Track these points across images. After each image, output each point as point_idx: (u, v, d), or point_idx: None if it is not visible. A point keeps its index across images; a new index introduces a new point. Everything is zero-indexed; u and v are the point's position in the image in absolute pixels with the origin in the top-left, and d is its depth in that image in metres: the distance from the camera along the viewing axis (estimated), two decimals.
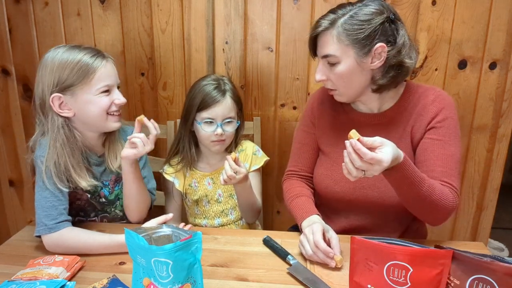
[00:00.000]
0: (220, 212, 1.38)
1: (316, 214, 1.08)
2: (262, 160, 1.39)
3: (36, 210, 1.03)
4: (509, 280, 0.68)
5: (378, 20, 0.98)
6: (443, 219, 1.02)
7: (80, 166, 1.07)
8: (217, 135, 1.25)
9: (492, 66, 1.47)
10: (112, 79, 1.07)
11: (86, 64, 1.02)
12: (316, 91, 1.27)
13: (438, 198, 0.95)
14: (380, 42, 0.98)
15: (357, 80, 1.04)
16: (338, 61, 1.01)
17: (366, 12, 0.98)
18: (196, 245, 0.71)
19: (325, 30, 1.01)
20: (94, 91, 1.04)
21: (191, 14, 1.55)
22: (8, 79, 1.70)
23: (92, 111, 1.06)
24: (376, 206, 1.11)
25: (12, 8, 1.61)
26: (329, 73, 1.05)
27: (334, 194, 1.16)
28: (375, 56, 1.00)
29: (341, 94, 1.08)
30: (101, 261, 0.98)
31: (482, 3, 1.42)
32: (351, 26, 0.98)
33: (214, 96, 1.25)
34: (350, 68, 1.01)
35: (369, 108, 1.13)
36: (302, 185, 1.22)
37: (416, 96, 1.10)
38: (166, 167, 1.37)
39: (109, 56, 1.10)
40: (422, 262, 0.76)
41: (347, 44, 0.99)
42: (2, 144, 1.79)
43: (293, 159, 1.27)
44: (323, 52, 1.03)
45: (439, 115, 1.05)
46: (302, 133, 1.25)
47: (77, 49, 1.04)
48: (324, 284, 0.87)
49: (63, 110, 1.04)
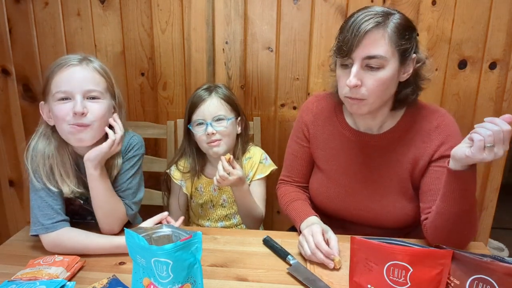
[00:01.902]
0: (224, 216, 1.38)
1: (314, 215, 1.08)
2: (268, 169, 1.37)
3: (32, 209, 1.01)
4: (509, 280, 0.68)
5: (415, 31, 0.94)
6: (470, 241, 0.99)
7: (67, 172, 1.03)
8: (209, 134, 1.24)
9: (492, 66, 1.47)
10: (72, 85, 0.95)
11: (51, 69, 0.96)
12: (310, 101, 1.20)
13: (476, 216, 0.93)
14: (415, 53, 0.94)
15: (388, 91, 0.96)
16: (383, 65, 0.91)
17: (406, 18, 0.92)
18: (196, 245, 0.71)
19: (377, 27, 0.89)
20: (53, 100, 0.96)
21: (191, 14, 1.55)
22: (8, 79, 1.70)
23: (55, 123, 0.99)
24: (372, 224, 1.10)
25: (12, 8, 1.61)
26: (367, 78, 0.92)
27: (330, 210, 1.15)
28: (407, 67, 0.95)
29: (369, 104, 0.95)
30: (101, 261, 0.98)
31: (482, 3, 1.42)
32: (402, 29, 0.90)
33: (200, 95, 1.26)
34: (392, 75, 0.92)
35: (368, 127, 1.07)
36: (297, 190, 1.21)
37: (419, 119, 1.04)
38: (174, 171, 1.36)
39: (96, 63, 1.01)
40: (422, 262, 0.76)
41: (395, 48, 0.90)
42: (2, 144, 1.79)
43: (286, 169, 1.24)
44: (370, 53, 0.90)
45: (446, 143, 1.00)
46: (295, 144, 1.21)
47: (66, 55, 1.00)
48: (324, 284, 0.87)
49: (48, 118, 1.01)
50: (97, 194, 1.04)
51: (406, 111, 1.06)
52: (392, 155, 1.06)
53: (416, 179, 1.05)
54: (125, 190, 1.10)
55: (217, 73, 1.60)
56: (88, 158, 1.01)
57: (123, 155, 1.11)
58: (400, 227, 1.10)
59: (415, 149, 1.04)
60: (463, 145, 0.84)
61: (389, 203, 1.07)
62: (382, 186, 1.08)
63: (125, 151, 1.11)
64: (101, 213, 1.05)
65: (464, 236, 0.95)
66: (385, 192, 1.07)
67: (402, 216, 1.07)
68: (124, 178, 1.10)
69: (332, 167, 1.13)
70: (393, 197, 1.07)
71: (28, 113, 1.73)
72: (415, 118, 1.05)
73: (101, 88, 1.01)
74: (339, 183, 1.12)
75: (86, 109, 0.96)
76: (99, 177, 1.02)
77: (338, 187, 1.12)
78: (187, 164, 1.36)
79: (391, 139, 1.06)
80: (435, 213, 0.94)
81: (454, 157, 0.85)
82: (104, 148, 1.01)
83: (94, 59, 1.02)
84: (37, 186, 1.01)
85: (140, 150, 1.14)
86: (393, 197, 1.07)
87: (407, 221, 1.08)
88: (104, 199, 1.04)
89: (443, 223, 0.92)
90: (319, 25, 1.51)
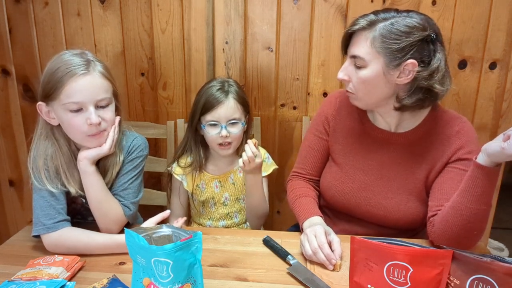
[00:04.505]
0: (226, 215, 1.38)
1: (318, 216, 1.08)
2: (270, 168, 1.38)
3: (34, 209, 1.02)
4: (509, 280, 0.68)
5: (417, 36, 0.92)
6: (477, 241, 0.98)
7: (72, 170, 1.04)
8: (222, 137, 1.24)
9: (492, 66, 1.47)
10: (84, 96, 0.96)
11: (58, 76, 0.95)
12: (333, 94, 1.22)
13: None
14: (412, 59, 0.93)
15: (378, 90, 1.00)
16: (365, 65, 0.97)
17: (409, 23, 0.93)
18: (196, 245, 0.71)
19: (362, 29, 0.96)
20: (64, 108, 0.96)
21: (191, 14, 1.55)
22: (8, 79, 1.70)
23: (66, 130, 1.01)
24: (381, 222, 1.11)
25: (12, 8, 1.61)
26: (353, 74, 1.01)
27: (340, 204, 1.15)
28: (403, 72, 0.95)
29: (358, 99, 1.04)
30: (101, 261, 0.98)
31: (482, 3, 1.42)
32: (389, 34, 0.93)
33: (217, 97, 1.24)
34: (374, 76, 0.97)
35: (387, 123, 1.09)
36: (307, 186, 1.21)
37: (441, 123, 1.06)
38: (175, 167, 1.36)
39: (99, 65, 1.00)
40: (422, 262, 0.76)
41: (379, 51, 0.94)
42: (2, 144, 1.79)
43: (300, 161, 1.25)
44: (353, 52, 0.99)
45: (465, 148, 1.02)
46: (313, 136, 1.22)
47: (66, 57, 0.98)
48: (324, 284, 0.87)
49: (49, 118, 1.01)
50: (93, 191, 1.04)
51: (429, 114, 1.06)
52: (411, 155, 1.07)
53: (430, 181, 1.06)
54: (126, 190, 1.10)
55: (217, 73, 1.60)
56: (86, 157, 1.01)
57: (126, 156, 1.11)
58: (407, 227, 1.10)
59: (434, 152, 1.05)
60: (496, 140, 0.84)
61: (401, 202, 1.07)
62: (396, 185, 1.08)
63: (128, 152, 1.11)
64: (99, 213, 1.06)
65: (472, 236, 0.94)
66: (399, 191, 1.08)
67: (412, 216, 1.07)
68: (125, 178, 1.10)
69: (349, 161, 1.14)
70: (406, 197, 1.07)
71: (28, 113, 1.73)
72: (437, 122, 1.06)
73: (109, 94, 1.02)
74: (354, 178, 1.12)
75: (99, 119, 0.99)
76: (94, 172, 1.03)
77: (353, 182, 1.12)
78: (188, 160, 1.35)
79: (411, 139, 1.07)
80: (449, 208, 0.94)
81: (486, 151, 0.85)
82: (105, 149, 1.02)
83: (95, 60, 1.01)
84: (39, 186, 1.02)
85: (143, 152, 1.14)
86: (406, 196, 1.07)
87: (415, 222, 1.08)
88: (100, 196, 1.04)
89: (456, 219, 0.92)
90: (319, 25, 1.51)
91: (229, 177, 1.36)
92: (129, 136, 1.13)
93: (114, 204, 1.07)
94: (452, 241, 0.92)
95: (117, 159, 1.09)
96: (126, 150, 1.11)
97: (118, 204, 1.08)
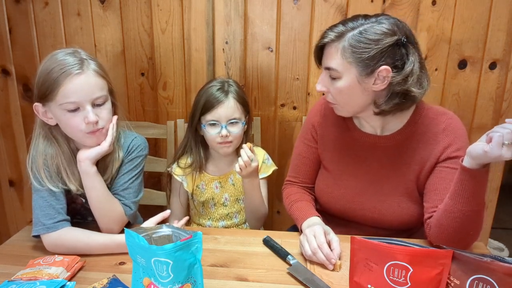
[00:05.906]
0: (225, 215, 1.38)
1: (316, 216, 1.08)
2: (270, 169, 1.38)
3: (34, 209, 1.02)
4: (509, 280, 0.68)
5: (387, 42, 0.91)
6: (473, 242, 0.99)
7: (72, 169, 1.04)
8: (223, 136, 1.25)
9: (492, 66, 1.47)
10: (81, 95, 0.95)
11: (53, 77, 0.94)
12: (318, 103, 1.22)
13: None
14: (385, 65, 0.93)
15: (356, 99, 1.00)
16: (339, 76, 0.97)
17: (377, 30, 0.92)
18: (196, 245, 0.71)
19: (331, 42, 0.96)
20: (60, 108, 0.96)
21: (191, 14, 1.55)
22: (8, 79, 1.70)
23: (65, 129, 1.01)
24: (376, 224, 1.11)
25: (12, 8, 1.61)
26: (330, 85, 1.01)
27: (334, 210, 1.16)
28: (378, 78, 0.95)
29: (340, 109, 1.05)
30: (101, 261, 0.98)
31: (482, 3, 1.42)
32: (358, 44, 0.92)
33: (217, 97, 1.25)
34: (350, 86, 0.97)
35: (373, 127, 1.09)
36: (303, 192, 1.21)
37: (426, 121, 1.05)
38: (175, 168, 1.36)
39: (92, 63, 0.99)
40: (422, 262, 0.76)
41: (350, 62, 0.94)
42: (2, 144, 1.79)
43: (292, 169, 1.25)
44: (326, 64, 0.99)
45: (453, 145, 1.01)
46: (302, 145, 1.22)
47: (59, 57, 0.97)
48: (324, 284, 0.87)
49: (47, 118, 1.01)
50: (95, 192, 1.04)
51: (414, 114, 1.05)
52: (399, 157, 1.07)
53: (422, 181, 1.05)
54: (126, 189, 1.10)
55: (217, 73, 1.60)
56: (88, 157, 1.01)
57: (126, 156, 1.11)
58: (404, 228, 1.10)
59: (422, 151, 1.04)
60: (480, 142, 0.84)
61: (394, 204, 1.07)
62: (388, 187, 1.08)
63: (128, 152, 1.11)
64: (100, 213, 1.05)
65: (469, 237, 0.94)
66: (390, 193, 1.08)
67: (407, 216, 1.07)
68: (126, 178, 1.10)
69: (339, 168, 1.14)
70: (398, 198, 1.07)
71: (28, 113, 1.73)
72: (423, 120, 1.05)
73: (105, 92, 1.02)
74: (346, 184, 1.13)
75: (97, 117, 0.99)
76: (96, 173, 1.03)
77: (345, 188, 1.13)
78: (188, 161, 1.36)
79: (398, 140, 1.06)
80: (442, 211, 0.94)
81: (471, 154, 0.85)
82: (105, 147, 1.02)
83: (89, 58, 1.00)
84: (39, 186, 1.02)
85: (143, 151, 1.14)
86: (399, 198, 1.07)
87: (411, 222, 1.08)
88: (102, 196, 1.04)
89: (449, 221, 0.92)
90: (319, 25, 1.51)
91: (229, 178, 1.36)
92: (128, 136, 1.13)
93: (115, 203, 1.07)
94: (449, 242, 0.91)
95: (117, 155, 1.09)
96: (125, 150, 1.11)
97: (119, 204, 1.08)
